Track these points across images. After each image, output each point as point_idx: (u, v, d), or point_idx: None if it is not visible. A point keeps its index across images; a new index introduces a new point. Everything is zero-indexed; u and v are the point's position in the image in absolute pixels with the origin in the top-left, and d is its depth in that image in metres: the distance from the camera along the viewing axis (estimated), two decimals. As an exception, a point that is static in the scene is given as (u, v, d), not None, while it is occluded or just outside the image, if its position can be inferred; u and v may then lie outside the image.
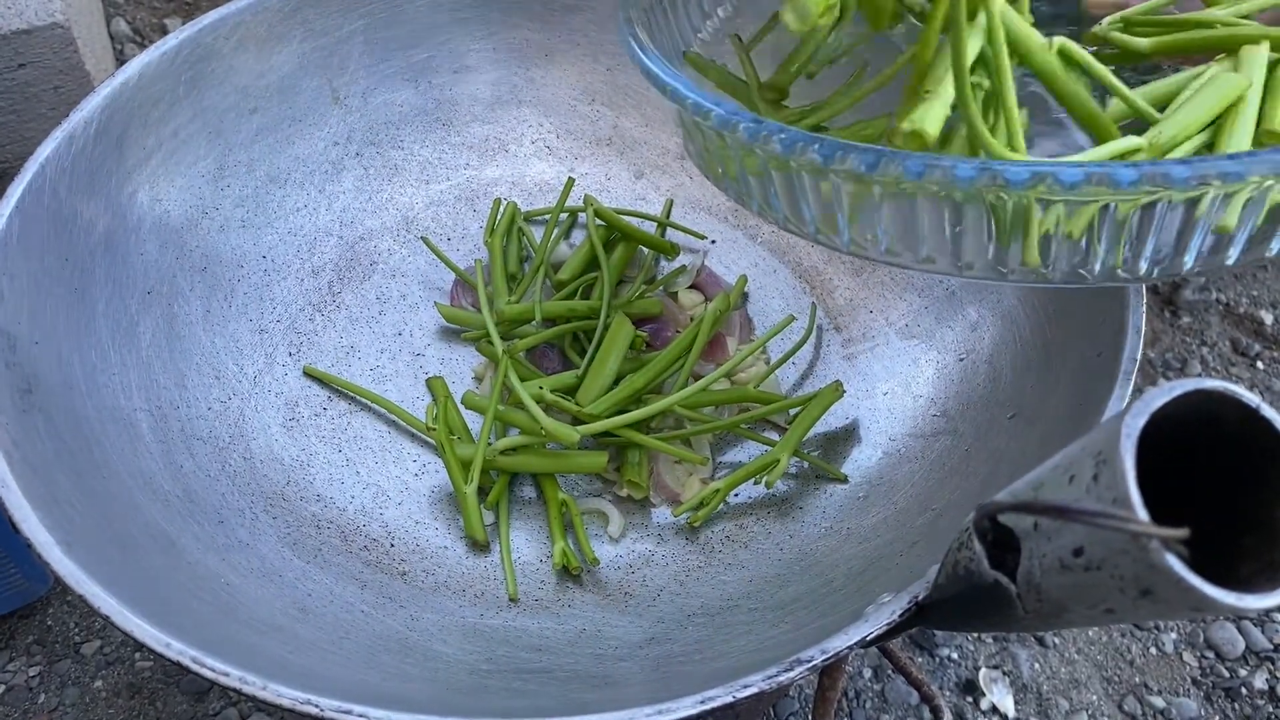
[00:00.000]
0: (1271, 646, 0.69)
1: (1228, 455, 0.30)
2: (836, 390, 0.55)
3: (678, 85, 0.42)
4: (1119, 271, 0.38)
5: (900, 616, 0.38)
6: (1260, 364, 0.81)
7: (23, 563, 0.66)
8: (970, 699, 0.66)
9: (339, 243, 0.63)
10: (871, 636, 0.38)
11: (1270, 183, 0.34)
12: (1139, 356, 0.44)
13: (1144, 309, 0.45)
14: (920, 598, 0.38)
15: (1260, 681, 0.67)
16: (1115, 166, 0.34)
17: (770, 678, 0.37)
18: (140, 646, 0.64)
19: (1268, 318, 0.83)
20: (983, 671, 0.68)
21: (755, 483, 0.53)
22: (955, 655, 0.68)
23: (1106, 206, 0.35)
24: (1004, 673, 0.68)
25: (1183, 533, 0.26)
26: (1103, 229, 0.36)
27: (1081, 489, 0.29)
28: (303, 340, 0.59)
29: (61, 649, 0.68)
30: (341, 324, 0.60)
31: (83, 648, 0.68)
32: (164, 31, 1.06)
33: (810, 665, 0.37)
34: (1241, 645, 0.68)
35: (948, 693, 0.67)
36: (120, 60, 1.02)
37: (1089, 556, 0.29)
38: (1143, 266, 0.37)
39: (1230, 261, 0.37)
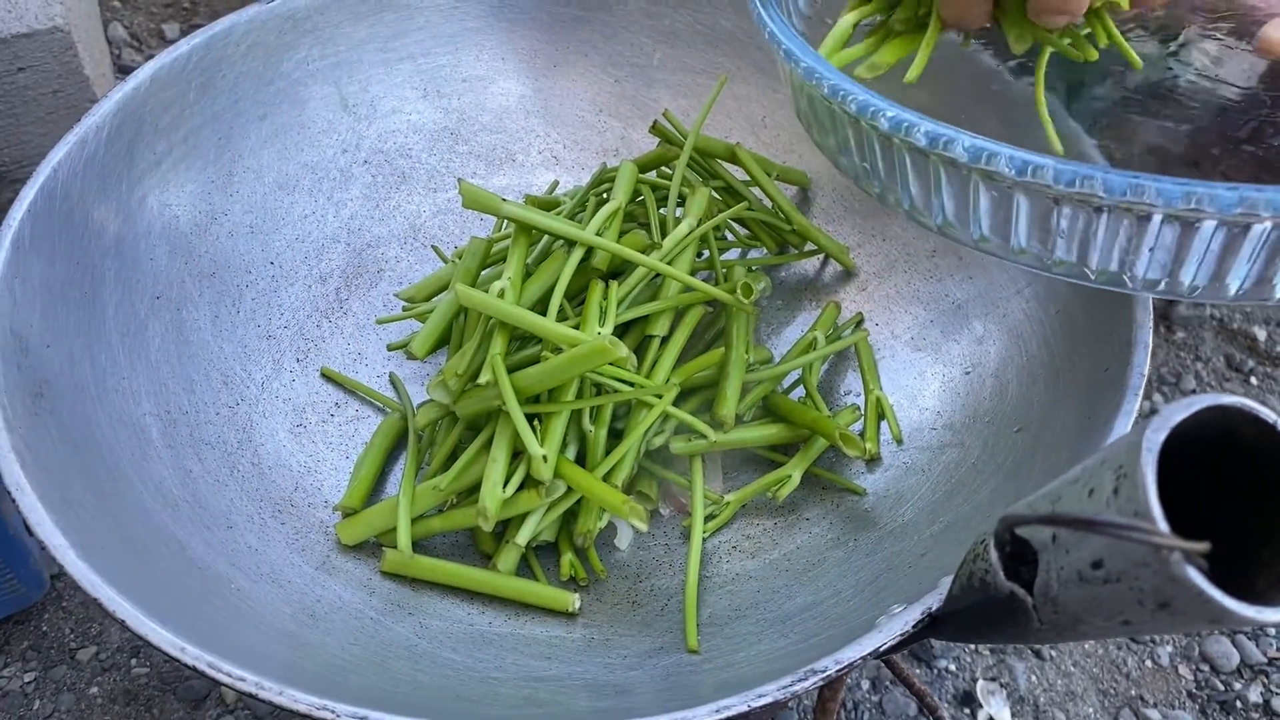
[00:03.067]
0: (1266, 660, 0.69)
1: (1244, 470, 0.30)
2: (854, 414, 0.55)
3: (795, 48, 0.46)
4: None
5: (913, 627, 0.38)
6: (1254, 379, 0.82)
7: (18, 568, 0.65)
8: (968, 710, 0.67)
9: (346, 250, 0.63)
10: (885, 647, 0.38)
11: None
12: (1146, 372, 0.44)
13: (1151, 324, 0.46)
14: (934, 609, 0.38)
15: (1255, 695, 0.68)
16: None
17: (785, 687, 0.37)
18: (151, 650, 0.64)
19: (1260, 334, 0.84)
20: (980, 683, 0.68)
21: (765, 495, 0.53)
22: (953, 667, 0.69)
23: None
24: (1001, 684, 0.68)
25: (1204, 546, 0.27)
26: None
27: (1101, 502, 0.29)
28: (310, 346, 0.59)
29: (57, 655, 0.68)
30: (349, 331, 0.61)
31: (78, 654, 0.68)
32: (161, 36, 1.06)
33: (824, 675, 0.38)
34: (1236, 659, 0.69)
35: (945, 704, 0.67)
36: (118, 65, 1.02)
37: (1108, 569, 0.30)
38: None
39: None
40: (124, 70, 1.01)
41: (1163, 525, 0.27)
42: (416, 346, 0.53)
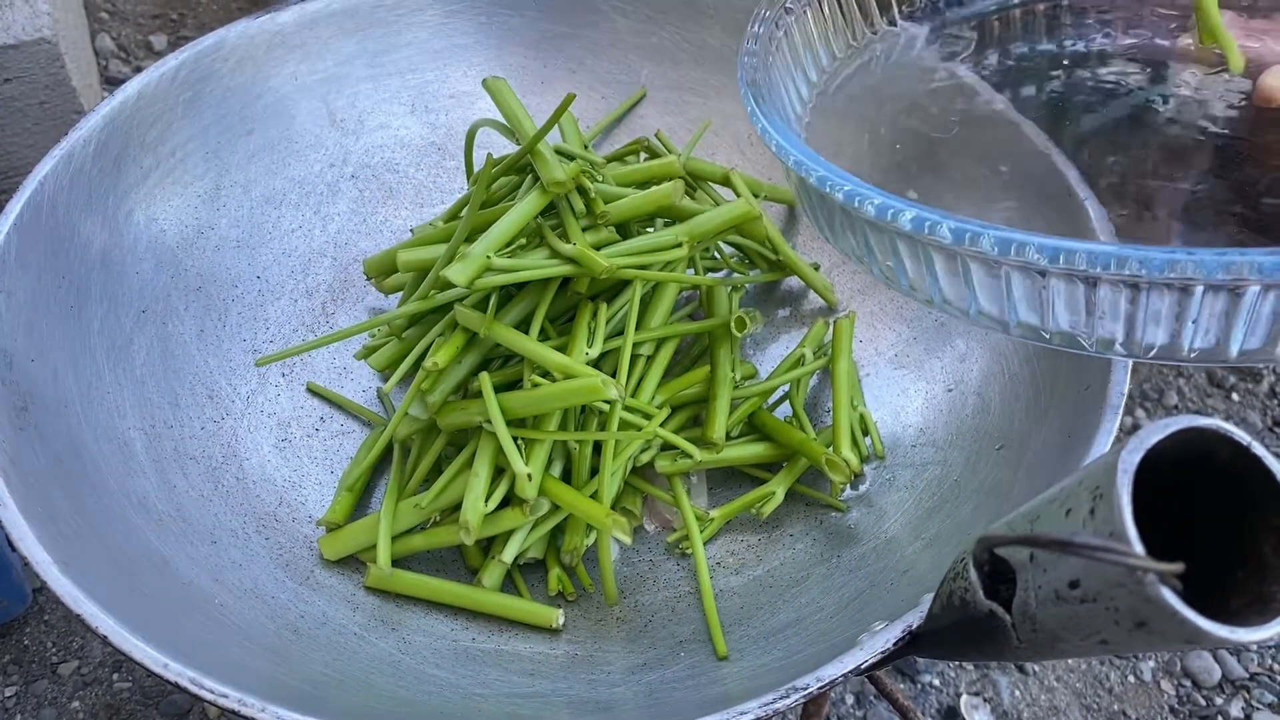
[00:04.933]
0: (1247, 675, 0.70)
1: (1220, 490, 0.31)
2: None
3: (801, 155, 0.45)
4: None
5: (895, 645, 0.39)
6: (1235, 395, 0.83)
7: (0, 581, 0.65)
8: (952, 726, 0.67)
9: (333, 264, 0.63)
10: (866, 664, 0.38)
11: None
12: (1127, 390, 0.45)
13: (1131, 344, 0.46)
14: (914, 626, 0.39)
15: (1236, 710, 0.68)
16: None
17: (767, 704, 0.37)
18: (133, 665, 0.64)
19: (1242, 352, 0.85)
20: (964, 698, 0.68)
21: (749, 512, 0.53)
22: (937, 682, 0.69)
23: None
24: (985, 699, 0.69)
25: (1178, 567, 0.27)
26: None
27: (1078, 523, 0.30)
28: (296, 361, 0.59)
29: (38, 669, 0.67)
30: (335, 345, 0.61)
31: (60, 668, 0.68)
32: (149, 48, 1.06)
33: (806, 693, 0.38)
34: (1218, 674, 0.69)
35: (929, 719, 0.68)
36: (105, 76, 1.02)
37: (1085, 589, 0.30)
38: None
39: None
40: (111, 81, 1.01)
41: (1137, 546, 0.27)
42: (375, 361, 0.54)
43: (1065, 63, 0.56)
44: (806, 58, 0.55)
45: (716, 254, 0.61)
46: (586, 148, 0.61)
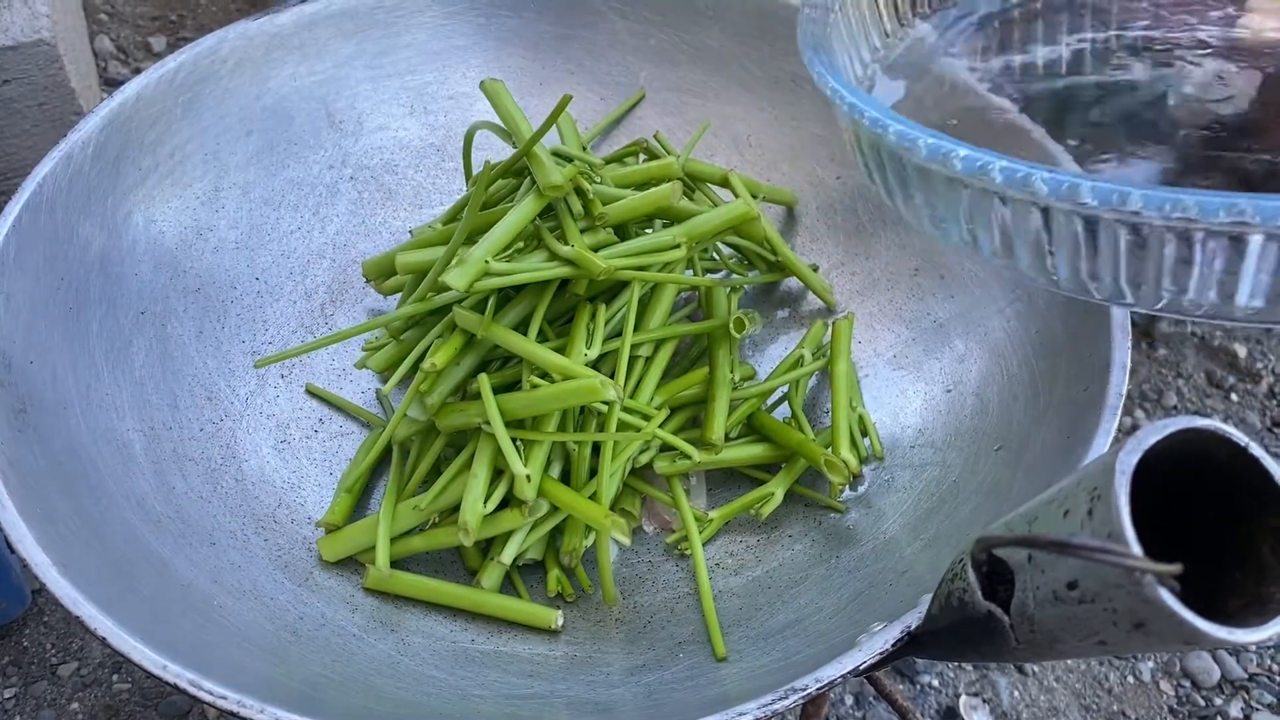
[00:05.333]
0: (1246, 676, 0.70)
1: (1218, 491, 0.31)
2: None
3: (867, 105, 0.43)
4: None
5: (893, 646, 0.39)
6: (1234, 396, 0.83)
7: (0, 583, 0.65)
8: (951, 726, 0.67)
9: (332, 265, 0.63)
10: (865, 665, 0.38)
11: None
12: (1125, 391, 0.45)
13: (1129, 344, 0.46)
14: (913, 627, 0.39)
15: (1235, 710, 0.68)
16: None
17: (766, 705, 0.37)
18: (132, 667, 0.64)
19: (1241, 350, 0.85)
20: (963, 699, 0.69)
21: (748, 513, 0.53)
22: (936, 683, 0.69)
23: None
24: (984, 700, 0.69)
25: (1176, 568, 0.27)
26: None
27: (1076, 524, 0.30)
28: (295, 362, 0.59)
29: (38, 670, 0.67)
30: (334, 346, 0.61)
31: (59, 669, 0.68)
32: (148, 49, 1.06)
33: (804, 694, 0.38)
34: (1217, 674, 0.70)
35: (928, 720, 0.68)
36: (104, 77, 1.02)
37: (1083, 590, 0.30)
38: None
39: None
40: (110, 83, 1.02)
41: (1135, 548, 0.27)
42: (374, 362, 0.54)
43: (1093, 53, 0.56)
44: (860, 35, 0.54)
45: (715, 255, 0.61)
46: (585, 149, 0.61)
